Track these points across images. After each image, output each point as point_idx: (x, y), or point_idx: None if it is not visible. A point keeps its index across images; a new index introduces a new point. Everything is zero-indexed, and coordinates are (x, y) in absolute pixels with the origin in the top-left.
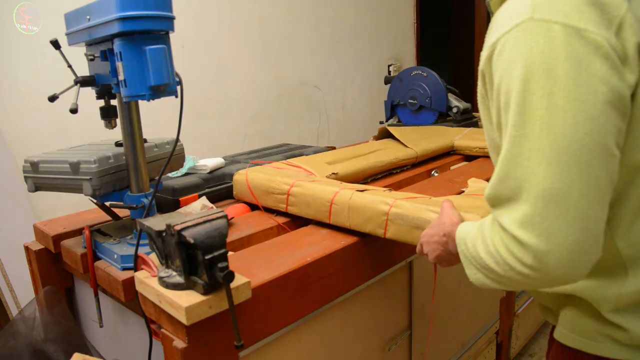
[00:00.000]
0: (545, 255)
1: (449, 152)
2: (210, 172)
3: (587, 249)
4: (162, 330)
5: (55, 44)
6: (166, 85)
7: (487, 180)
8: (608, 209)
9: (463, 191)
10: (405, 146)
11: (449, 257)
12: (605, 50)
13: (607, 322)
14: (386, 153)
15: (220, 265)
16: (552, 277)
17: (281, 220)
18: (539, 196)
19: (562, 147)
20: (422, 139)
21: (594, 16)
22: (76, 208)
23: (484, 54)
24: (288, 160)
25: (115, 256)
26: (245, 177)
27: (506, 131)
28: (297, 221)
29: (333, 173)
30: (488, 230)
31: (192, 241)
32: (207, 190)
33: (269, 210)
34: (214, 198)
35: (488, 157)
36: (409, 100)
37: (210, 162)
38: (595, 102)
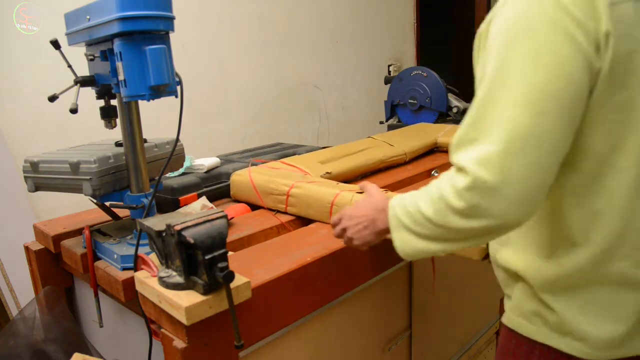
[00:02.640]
0: (495, 192)
1: (433, 150)
2: (207, 172)
3: (532, 194)
4: (162, 330)
5: (55, 44)
6: (166, 85)
7: None
8: (557, 167)
9: None
10: (391, 145)
11: (374, 235)
12: (586, 28)
13: (541, 303)
14: (375, 152)
15: (220, 265)
16: (490, 215)
17: (284, 218)
18: (503, 137)
19: (534, 97)
20: (405, 138)
21: (580, 1)
22: (76, 208)
23: (486, 19)
24: (283, 159)
25: (115, 256)
26: (250, 178)
27: (484, 81)
28: (300, 219)
29: (327, 172)
30: (436, 183)
31: (192, 241)
32: (204, 189)
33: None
34: (211, 197)
35: None
36: (409, 100)
37: (207, 161)
38: (572, 66)
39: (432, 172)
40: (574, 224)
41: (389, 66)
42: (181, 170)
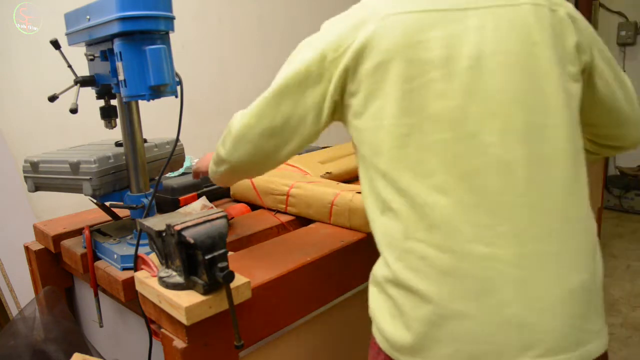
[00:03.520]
0: (228, 133)
1: None
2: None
3: (246, 148)
4: (162, 330)
5: (55, 44)
6: (166, 85)
7: None
8: (276, 143)
9: None
10: None
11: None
12: (332, 49)
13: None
14: None
15: (220, 265)
16: (225, 147)
17: (284, 218)
18: (253, 104)
19: (272, 87)
20: None
21: (335, 37)
22: (76, 208)
23: None
24: None
25: (115, 256)
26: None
27: None
28: (300, 219)
29: (327, 172)
30: None
31: (192, 241)
32: (204, 189)
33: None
34: (211, 197)
35: None
36: None
37: None
38: (296, 82)
39: None
40: (380, 227)
41: None
42: (181, 170)
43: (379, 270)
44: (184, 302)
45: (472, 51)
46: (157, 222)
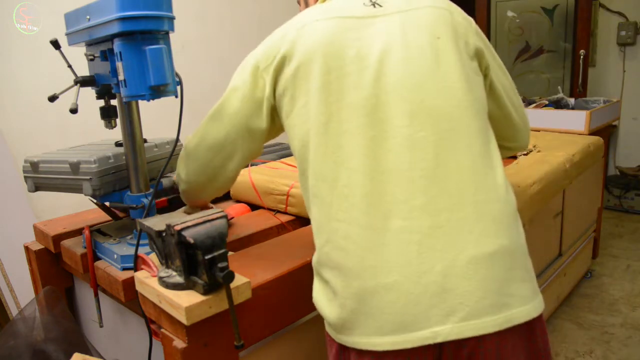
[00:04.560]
0: (184, 156)
1: None
2: None
3: (197, 165)
4: (162, 330)
5: (55, 44)
6: (166, 85)
7: None
8: (222, 156)
9: None
10: None
11: None
12: (265, 64)
13: None
14: None
15: (220, 265)
16: (178, 173)
17: (284, 218)
18: (201, 124)
19: (213, 110)
20: None
21: (265, 48)
22: (76, 208)
23: None
24: (283, 159)
25: (115, 256)
26: (249, 178)
27: None
28: (300, 219)
29: None
30: None
31: (192, 241)
32: None
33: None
34: None
35: None
36: None
37: None
38: (235, 95)
39: None
40: (311, 215)
41: None
42: None
43: (314, 257)
44: (184, 302)
45: (381, 47)
46: (157, 222)
